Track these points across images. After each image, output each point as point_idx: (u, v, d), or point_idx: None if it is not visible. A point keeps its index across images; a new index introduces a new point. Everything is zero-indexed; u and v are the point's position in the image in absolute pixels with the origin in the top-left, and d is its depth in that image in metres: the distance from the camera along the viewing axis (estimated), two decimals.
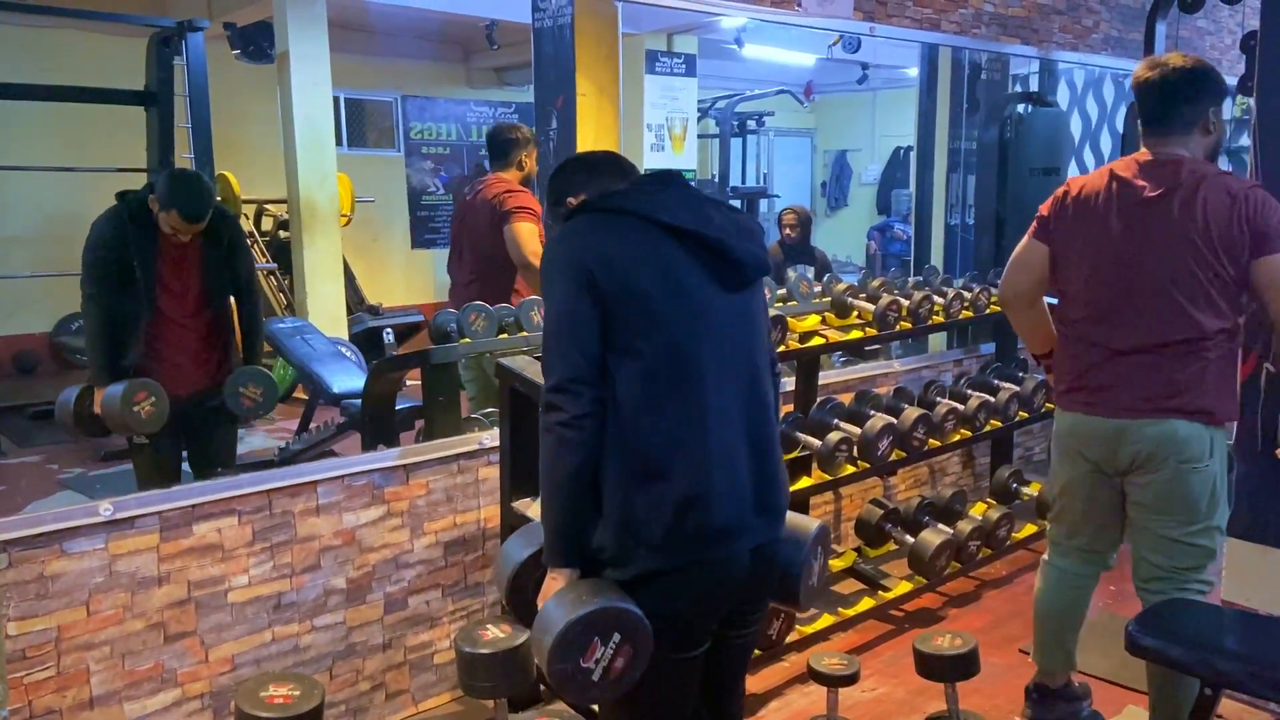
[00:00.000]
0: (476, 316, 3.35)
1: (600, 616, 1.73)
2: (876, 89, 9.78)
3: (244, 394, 3.21)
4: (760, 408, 1.90)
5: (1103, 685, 3.18)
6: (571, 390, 1.75)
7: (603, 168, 2.01)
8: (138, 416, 2.94)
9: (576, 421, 1.74)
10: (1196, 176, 2.45)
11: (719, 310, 1.86)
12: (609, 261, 1.78)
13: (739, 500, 1.83)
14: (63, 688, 2.47)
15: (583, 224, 1.86)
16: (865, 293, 3.86)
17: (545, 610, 1.78)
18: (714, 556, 1.81)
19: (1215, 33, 6.15)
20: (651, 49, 6.02)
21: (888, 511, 3.88)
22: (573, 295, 1.77)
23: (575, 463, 1.75)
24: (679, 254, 1.83)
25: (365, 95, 8.57)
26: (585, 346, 1.76)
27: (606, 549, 1.80)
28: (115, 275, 3.07)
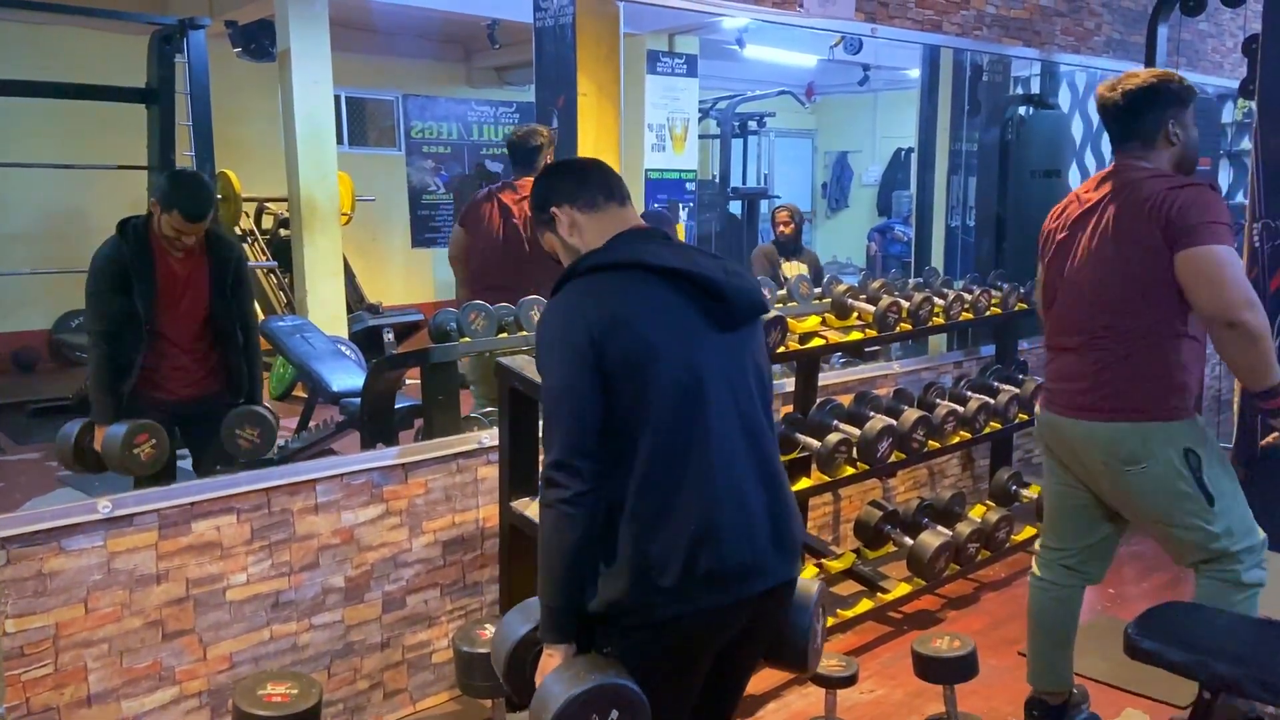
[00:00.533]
0: (476, 316, 3.34)
1: (598, 694, 1.72)
2: (878, 90, 9.78)
3: (240, 436, 3.18)
4: (765, 444, 1.88)
5: (1101, 688, 3.18)
6: (571, 466, 1.72)
7: (590, 178, 1.96)
8: (136, 459, 2.91)
9: (577, 499, 1.72)
10: (1127, 181, 2.51)
11: (717, 350, 1.83)
12: (605, 315, 1.76)
13: (752, 537, 1.81)
14: (60, 685, 2.47)
15: (573, 290, 1.83)
16: (865, 294, 3.86)
17: (543, 688, 1.77)
18: (729, 600, 1.80)
19: (1217, 35, 6.15)
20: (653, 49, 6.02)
21: (887, 513, 3.87)
22: (573, 368, 1.75)
23: (575, 540, 1.73)
24: (672, 296, 1.81)
25: (366, 94, 8.57)
26: (585, 419, 1.74)
27: (622, 602, 1.77)
28: (118, 309, 3.02)
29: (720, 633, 1.85)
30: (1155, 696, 3.07)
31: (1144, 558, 4.30)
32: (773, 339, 3.30)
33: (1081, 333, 2.58)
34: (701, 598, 1.77)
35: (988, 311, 4.17)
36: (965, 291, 4.13)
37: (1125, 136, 2.57)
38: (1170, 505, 2.53)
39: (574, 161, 2.16)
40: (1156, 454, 2.50)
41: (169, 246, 3.06)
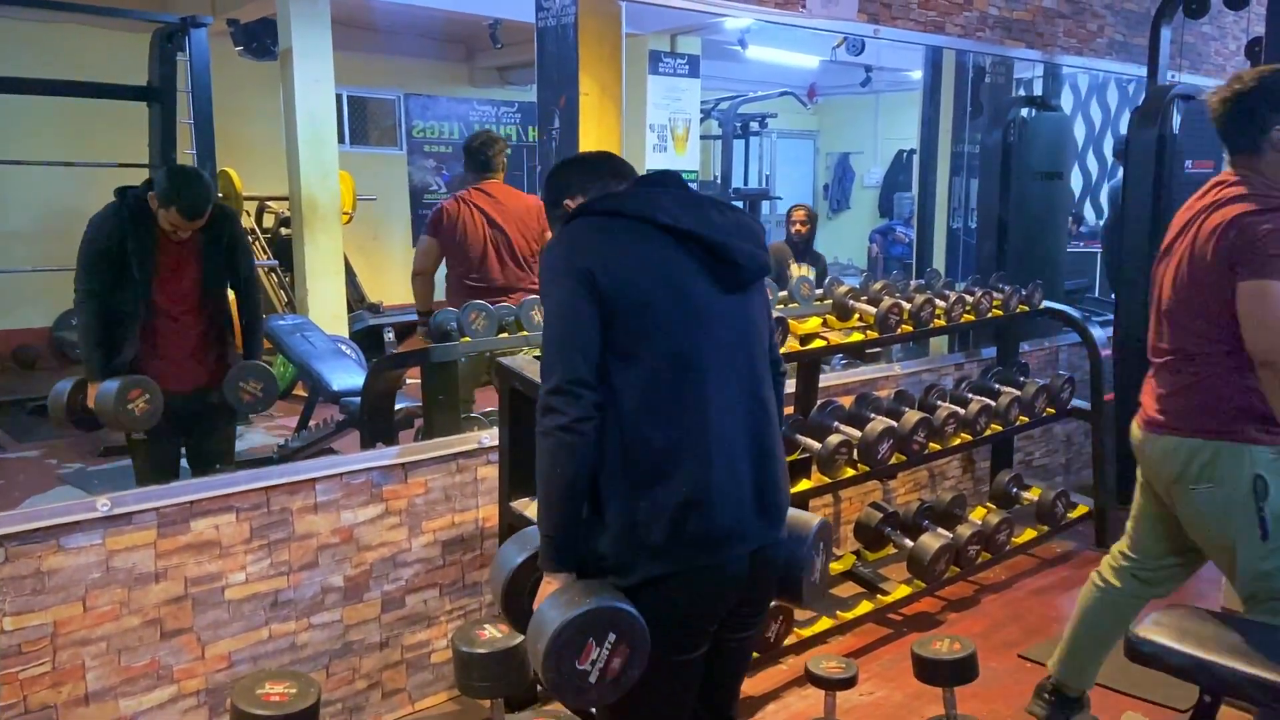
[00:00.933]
0: (477, 315, 3.34)
1: (595, 617, 1.72)
2: (880, 91, 9.78)
3: (244, 389, 3.20)
4: (761, 410, 1.89)
5: (1101, 691, 3.17)
6: (570, 392, 1.73)
7: (601, 169, 1.99)
8: (131, 414, 2.92)
9: (575, 425, 1.72)
10: (1217, 198, 2.45)
11: (719, 312, 1.85)
12: (609, 264, 1.77)
13: (739, 503, 1.82)
14: (58, 683, 2.46)
15: (582, 226, 1.85)
16: (867, 295, 3.85)
17: (539, 613, 1.77)
18: (713, 561, 1.80)
19: (1220, 38, 6.14)
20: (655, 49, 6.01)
21: (887, 515, 3.87)
22: (573, 297, 1.76)
23: (573, 467, 1.74)
24: (679, 256, 1.82)
25: (368, 93, 8.57)
26: (585, 348, 1.75)
27: (608, 556, 1.79)
28: (111, 271, 3.05)
29: (708, 600, 1.84)
30: (1156, 700, 3.06)
31: None
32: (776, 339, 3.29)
33: (1162, 351, 2.58)
34: (686, 559, 1.77)
35: (989, 313, 4.16)
36: (967, 293, 4.12)
37: (1228, 141, 2.48)
38: (1228, 531, 2.49)
39: (584, 155, 2.17)
40: (1224, 475, 2.46)
41: (168, 235, 3.08)
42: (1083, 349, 4.70)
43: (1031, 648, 3.48)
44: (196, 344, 3.24)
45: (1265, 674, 2.08)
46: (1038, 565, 4.24)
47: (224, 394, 3.19)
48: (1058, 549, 4.40)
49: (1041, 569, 4.21)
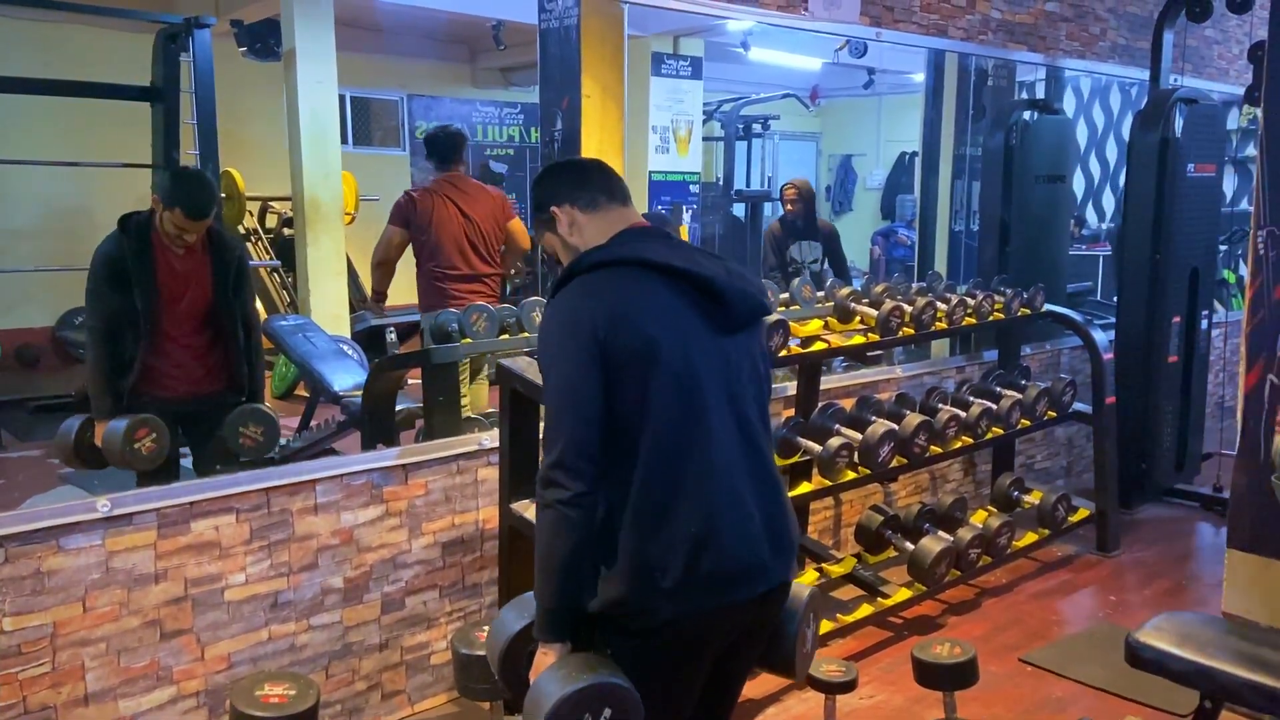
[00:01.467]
0: (478, 317, 3.34)
1: (591, 693, 1.72)
2: (882, 94, 9.77)
3: (244, 434, 3.18)
4: (761, 449, 1.89)
5: (1102, 696, 3.17)
6: (573, 467, 1.71)
7: (590, 180, 1.95)
8: (138, 454, 2.92)
9: (577, 501, 1.71)
10: None
11: (716, 352, 1.83)
12: (609, 311, 1.75)
13: (751, 538, 1.82)
14: (58, 684, 2.46)
15: (576, 287, 1.82)
16: (868, 298, 3.85)
17: (536, 686, 1.77)
18: (729, 601, 1.80)
19: (1223, 42, 6.13)
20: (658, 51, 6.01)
21: (888, 518, 3.86)
22: (576, 364, 1.74)
23: (575, 541, 1.72)
24: (674, 295, 1.81)
25: (371, 94, 8.57)
26: (587, 415, 1.72)
27: (624, 601, 1.77)
28: (117, 300, 3.02)
29: (719, 635, 1.85)
30: (1156, 705, 3.06)
31: (1146, 565, 4.29)
32: (775, 342, 3.29)
33: None
34: (701, 599, 1.77)
35: (991, 316, 4.16)
36: (968, 296, 4.12)
37: None
38: None
39: (574, 161, 2.13)
40: None
41: (171, 243, 3.06)
42: (1084, 352, 4.70)
43: (1032, 651, 3.48)
44: (201, 358, 3.22)
45: (1265, 680, 2.07)
46: (1039, 569, 4.24)
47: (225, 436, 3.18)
48: (1059, 552, 4.40)
49: (1043, 572, 4.21)
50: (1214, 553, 3.91)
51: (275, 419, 3.26)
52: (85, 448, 3.06)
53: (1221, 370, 5.94)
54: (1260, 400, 2.99)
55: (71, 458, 3.10)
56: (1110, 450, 4.45)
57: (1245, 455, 3.03)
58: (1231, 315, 5.93)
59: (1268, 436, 2.99)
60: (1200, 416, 5.09)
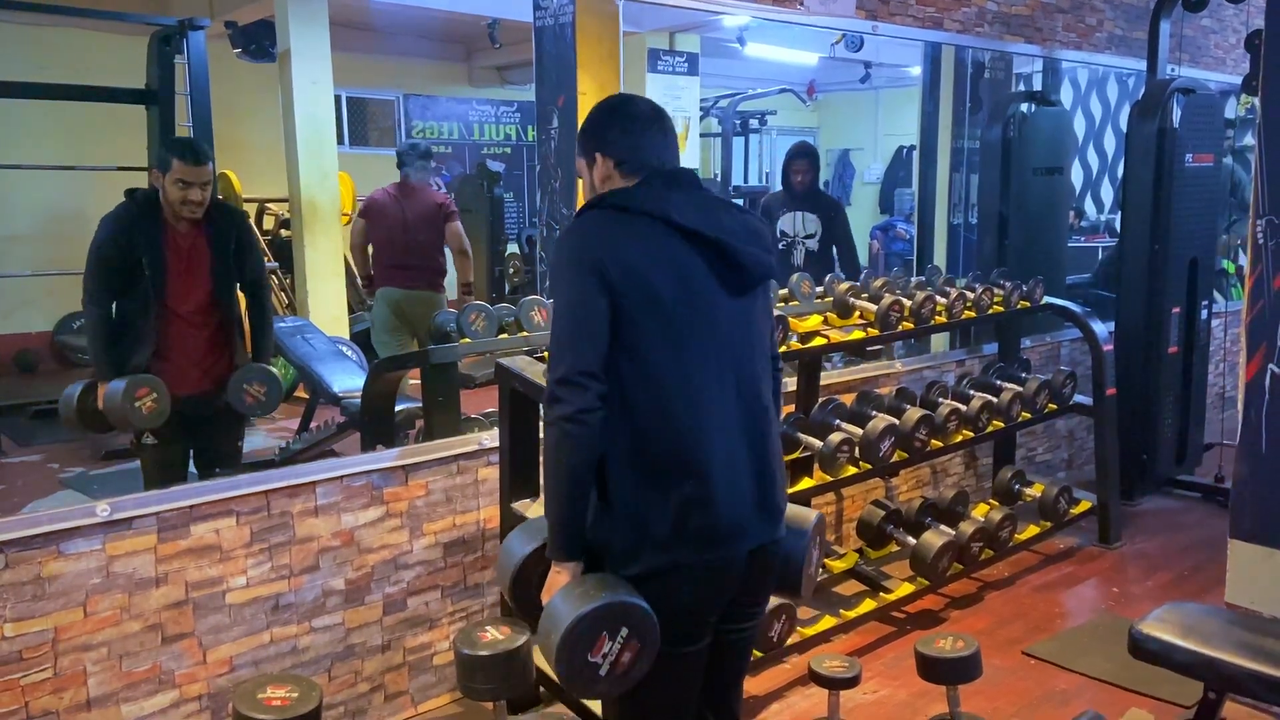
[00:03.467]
0: (477, 316, 3.33)
1: (608, 611, 1.73)
2: (879, 88, 9.77)
3: (247, 390, 3.20)
4: (759, 410, 1.92)
5: (1105, 688, 3.17)
6: (578, 383, 1.74)
7: (646, 148, 1.90)
8: (139, 412, 2.93)
9: (581, 415, 1.74)
10: None
11: (724, 313, 1.87)
12: (620, 257, 1.78)
13: (740, 501, 1.85)
14: (60, 689, 2.46)
15: (595, 219, 1.86)
16: (867, 293, 3.84)
17: (551, 606, 1.78)
18: (716, 557, 1.83)
19: (1220, 31, 6.12)
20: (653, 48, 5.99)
21: (889, 512, 3.86)
22: (583, 288, 1.77)
23: (579, 457, 1.76)
24: (689, 255, 1.83)
25: (367, 94, 8.56)
26: (594, 339, 1.76)
27: (613, 545, 1.81)
28: (121, 273, 3.05)
29: (707, 594, 1.85)
30: (1160, 696, 3.06)
31: (1148, 557, 4.29)
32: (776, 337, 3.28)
33: None
34: (687, 553, 1.80)
35: (990, 309, 4.15)
36: (968, 290, 4.11)
37: None
38: None
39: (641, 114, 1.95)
40: None
41: (178, 213, 3.07)
42: (1084, 344, 4.69)
43: (1035, 644, 3.48)
44: (206, 347, 3.23)
45: (1269, 670, 2.07)
46: (1041, 561, 4.23)
47: (229, 394, 3.19)
48: (1061, 545, 4.39)
49: (1045, 565, 4.20)
50: (1216, 543, 3.90)
51: (279, 378, 3.28)
52: (88, 412, 3.07)
53: (1222, 360, 5.93)
54: (1261, 390, 2.98)
55: (75, 422, 3.12)
56: (1111, 442, 4.44)
57: (1247, 445, 3.02)
58: (1231, 305, 5.92)
59: (1269, 426, 2.98)
60: (1201, 407, 5.08)
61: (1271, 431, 2.96)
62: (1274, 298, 2.91)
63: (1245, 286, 2.98)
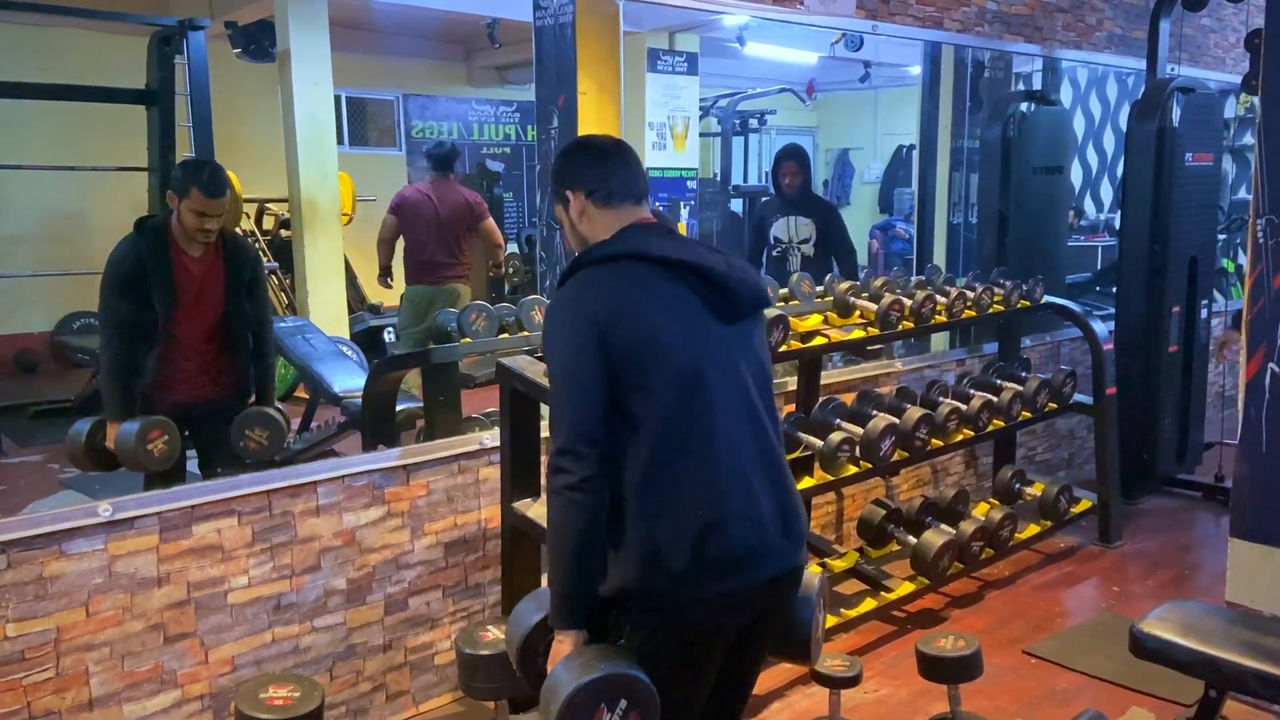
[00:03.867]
0: (478, 316, 3.34)
1: (606, 683, 1.73)
2: (879, 87, 9.76)
3: (249, 436, 3.19)
4: (767, 435, 1.91)
5: (1106, 686, 3.17)
6: (577, 452, 1.74)
7: (614, 174, 1.96)
8: (151, 455, 2.93)
9: (583, 485, 1.74)
10: None
11: (720, 341, 1.87)
12: (611, 304, 1.79)
13: (758, 524, 1.83)
14: (62, 689, 2.46)
15: (582, 279, 1.87)
16: (867, 292, 3.84)
17: (552, 675, 1.78)
18: (737, 585, 1.81)
19: (1220, 30, 6.13)
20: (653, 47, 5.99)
21: (890, 512, 3.86)
22: (579, 351, 1.78)
23: (583, 525, 1.75)
24: (677, 288, 1.85)
25: (367, 94, 8.56)
26: (591, 400, 1.76)
27: (631, 588, 1.79)
28: (134, 303, 3.03)
29: (730, 621, 1.85)
30: (1161, 695, 3.06)
31: (1148, 555, 4.29)
32: (775, 337, 3.29)
33: None
34: (710, 584, 1.78)
35: (990, 309, 4.15)
36: (968, 289, 4.12)
37: None
38: None
39: (599, 145, 2.03)
40: None
41: (191, 237, 3.06)
42: (1084, 343, 4.69)
43: (1036, 643, 3.48)
44: (210, 360, 3.23)
45: (1269, 668, 2.07)
46: (1041, 560, 4.24)
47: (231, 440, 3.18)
48: (1061, 544, 4.40)
49: (1045, 564, 4.21)
50: (1216, 542, 3.91)
51: (281, 422, 3.26)
52: (97, 450, 3.06)
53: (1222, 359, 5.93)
54: (1261, 389, 2.98)
55: (83, 460, 3.11)
56: (1111, 441, 4.44)
57: (1247, 444, 3.03)
58: (1231, 304, 5.92)
59: (1270, 425, 2.98)
60: (1201, 406, 5.09)
61: (1272, 431, 2.96)
62: (1274, 297, 2.92)
63: (1245, 285, 2.99)
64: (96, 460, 3.09)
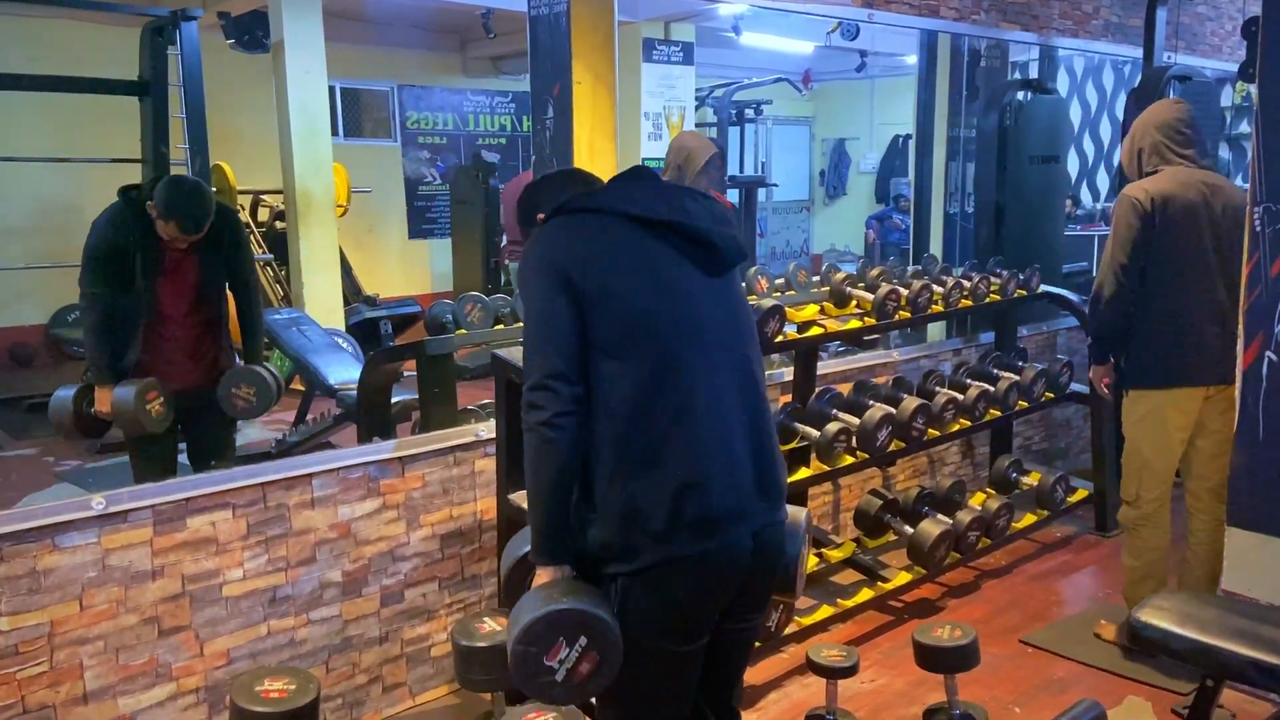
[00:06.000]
0: (473, 307, 3.33)
1: (567, 617, 1.72)
2: (875, 77, 9.75)
3: (236, 394, 3.18)
4: (753, 391, 1.91)
5: (1103, 676, 3.17)
6: (550, 388, 1.76)
7: (570, 183, 2.05)
8: (149, 415, 2.94)
9: (557, 420, 1.75)
10: None
11: (704, 297, 1.87)
12: (584, 260, 1.81)
13: (737, 485, 1.83)
14: (56, 683, 2.45)
15: (556, 226, 1.88)
16: (864, 282, 3.84)
17: (519, 604, 1.78)
18: (715, 545, 1.80)
19: (1216, 19, 6.11)
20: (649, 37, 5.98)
21: (887, 502, 3.86)
22: (549, 295, 1.79)
23: (557, 461, 1.76)
24: (656, 245, 1.85)
25: (361, 84, 8.53)
26: (562, 345, 1.77)
27: (611, 544, 1.79)
28: (116, 274, 3.04)
29: (713, 587, 1.83)
30: (1157, 685, 3.06)
31: None
32: (770, 328, 3.28)
33: None
34: (689, 544, 1.78)
35: (987, 298, 4.15)
36: (964, 279, 4.11)
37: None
38: None
39: (548, 175, 2.20)
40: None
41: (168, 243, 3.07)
42: (1081, 332, 4.69)
43: (1032, 633, 3.48)
44: (194, 344, 3.23)
45: (1266, 657, 2.07)
46: (1038, 550, 4.24)
47: (218, 398, 3.18)
48: (1058, 533, 4.40)
49: (1042, 554, 4.21)
50: None
51: (267, 379, 3.25)
52: (85, 417, 3.06)
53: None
54: (1258, 377, 2.97)
55: (70, 428, 3.10)
56: (1108, 430, 4.43)
57: (1244, 432, 3.02)
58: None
59: (1266, 414, 2.98)
60: None
61: (1269, 419, 2.96)
62: (1271, 284, 2.91)
63: (1243, 274, 2.98)
64: (85, 428, 3.08)
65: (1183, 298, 3.13)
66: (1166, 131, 3.18)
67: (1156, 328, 3.15)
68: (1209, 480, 3.22)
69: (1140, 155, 3.23)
